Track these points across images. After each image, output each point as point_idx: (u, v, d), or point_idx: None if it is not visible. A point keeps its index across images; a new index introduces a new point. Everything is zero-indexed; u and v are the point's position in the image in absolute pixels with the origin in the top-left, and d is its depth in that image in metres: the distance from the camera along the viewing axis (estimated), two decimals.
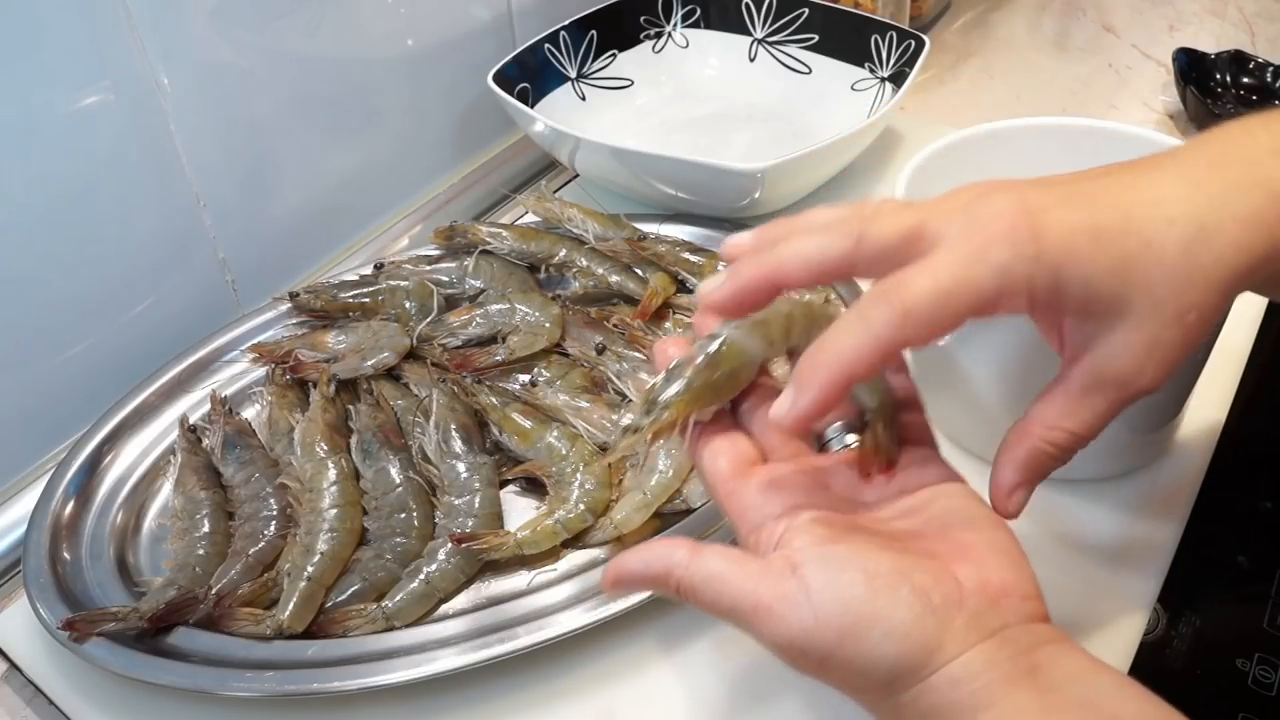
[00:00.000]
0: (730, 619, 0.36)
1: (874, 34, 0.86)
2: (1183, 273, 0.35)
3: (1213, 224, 0.36)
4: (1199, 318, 0.36)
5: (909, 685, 0.33)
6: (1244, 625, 0.51)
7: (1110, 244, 0.35)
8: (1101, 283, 0.35)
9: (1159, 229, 0.35)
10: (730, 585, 0.35)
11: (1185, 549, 0.54)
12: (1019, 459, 0.38)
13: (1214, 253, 0.36)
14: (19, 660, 0.54)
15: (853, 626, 0.33)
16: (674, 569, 0.37)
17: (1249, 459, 0.59)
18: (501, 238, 0.73)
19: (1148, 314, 0.35)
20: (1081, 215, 0.35)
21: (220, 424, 0.62)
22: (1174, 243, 0.35)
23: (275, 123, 0.72)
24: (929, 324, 0.34)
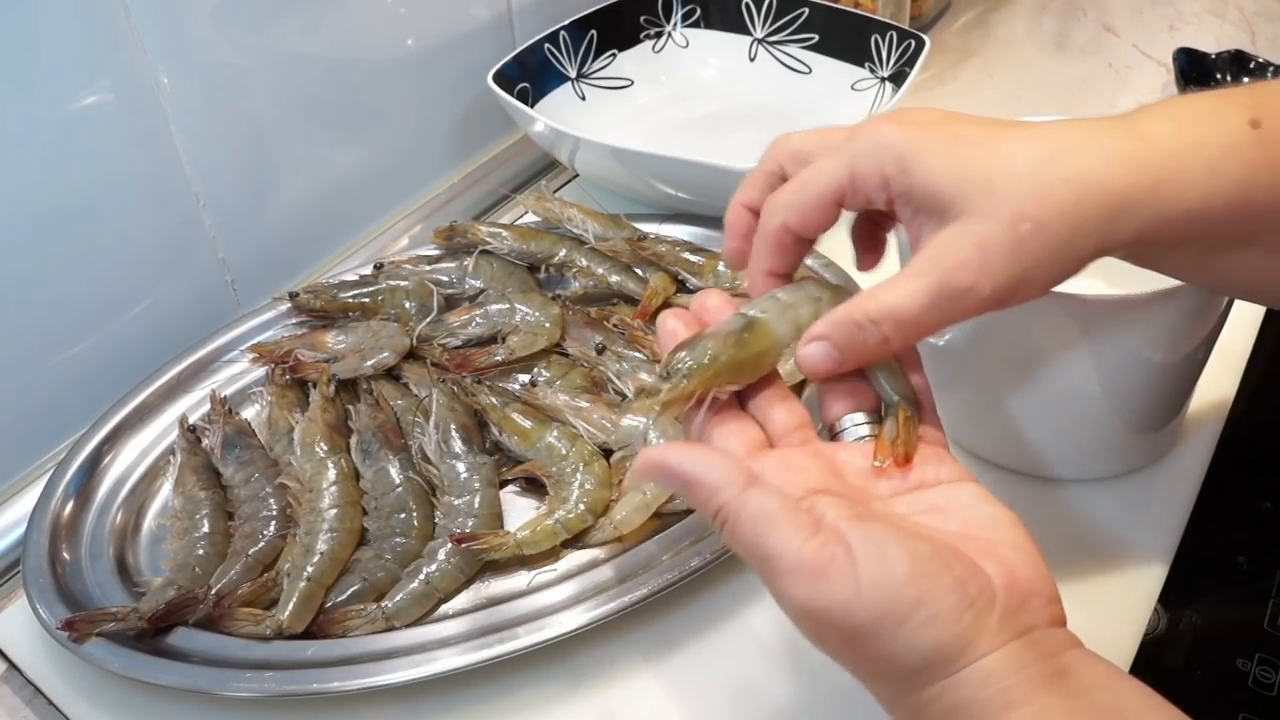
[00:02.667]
0: (760, 567, 0.34)
1: (874, 34, 0.86)
2: (1026, 182, 0.35)
3: (1070, 149, 0.36)
4: (1036, 230, 0.35)
5: (938, 677, 0.32)
6: (1244, 625, 0.51)
7: (963, 146, 0.37)
8: (945, 175, 0.36)
9: (1015, 144, 0.36)
10: (778, 531, 0.33)
11: (1185, 549, 0.54)
12: (833, 315, 0.39)
13: (1064, 173, 0.35)
14: (18, 660, 0.54)
15: (894, 606, 0.32)
16: (725, 488, 0.34)
17: (1249, 459, 0.59)
18: (501, 238, 0.73)
19: (982, 212, 0.36)
20: (948, 127, 0.38)
21: (220, 424, 0.62)
22: (1025, 155, 0.36)
23: (275, 123, 0.72)
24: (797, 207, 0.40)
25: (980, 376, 0.55)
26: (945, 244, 0.36)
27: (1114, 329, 0.49)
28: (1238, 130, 0.36)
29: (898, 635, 0.32)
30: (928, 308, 0.37)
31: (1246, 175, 0.36)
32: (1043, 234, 0.35)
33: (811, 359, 0.39)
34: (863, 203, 0.39)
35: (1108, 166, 0.36)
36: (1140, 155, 0.36)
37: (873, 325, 0.38)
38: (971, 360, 0.55)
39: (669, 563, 0.52)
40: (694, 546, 0.53)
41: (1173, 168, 0.36)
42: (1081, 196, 0.35)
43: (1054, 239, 0.36)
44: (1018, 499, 0.57)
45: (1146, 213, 0.36)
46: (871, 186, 0.38)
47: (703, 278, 0.69)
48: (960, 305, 0.37)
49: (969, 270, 0.36)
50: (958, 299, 0.36)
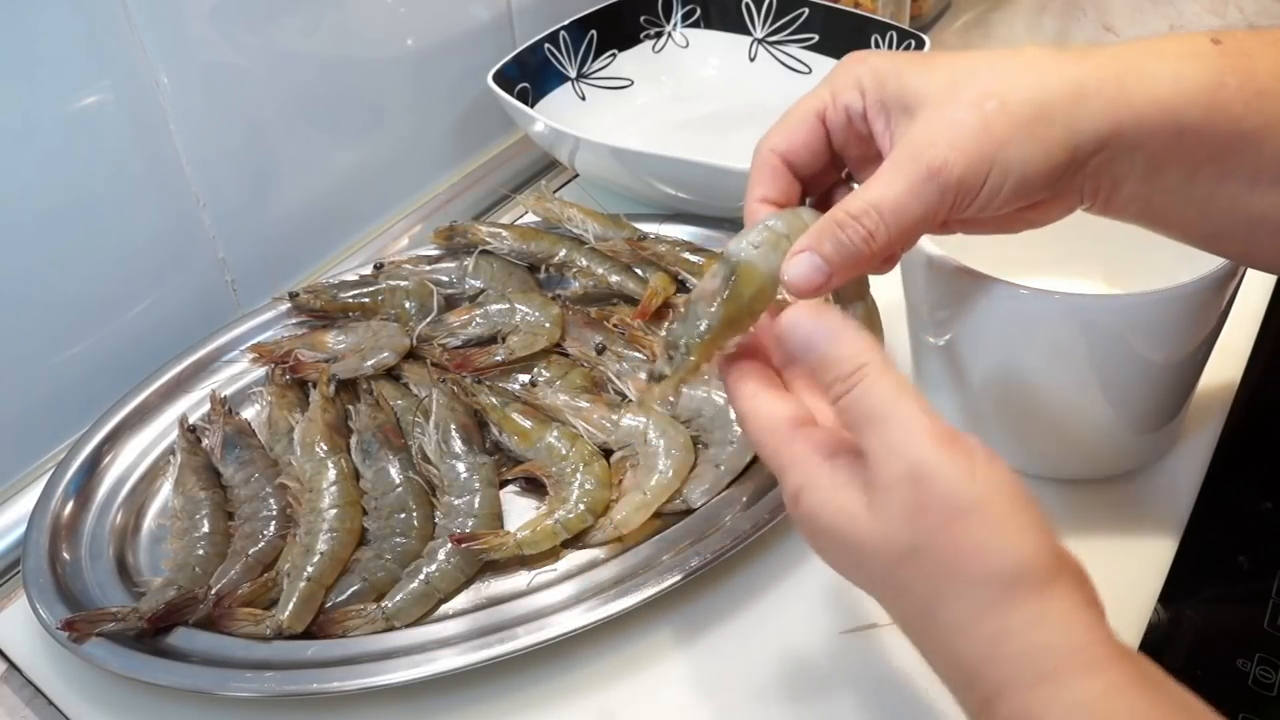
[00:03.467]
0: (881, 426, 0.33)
1: (874, 34, 0.86)
2: (988, 71, 0.37)
3: (1032, 54, 0.38)
4: (1000, 106, 0.36)
5: (1022, 599, 0.31)
6: (1244, 625, 0.51)
7: (933, 59, 0.39)
8: (915, 77, 0.39)
9: (980, 54, 0.39)
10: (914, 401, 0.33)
11: (1185, 549, 0.54)
12: (814, 227, 0.38)
13: (1020, 62, 0.37)
14: (18, 660, 0.54)
15: (1004, 489, 0.32)
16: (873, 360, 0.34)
17: (1249, 459, 0.59)
18: (501, 238, 0.73)
19: (948, 96, 0.37)
20: (916, 55, 0.41)
21: (220, 424, 0.62)
22: (989, 58, 0.38)
23: (275, 122, 0.72)
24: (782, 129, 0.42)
25: (980, 376, 0.55)
26: (914, 132, 0.38)
27: (1114, 329, 0.49)
28: (1198, 43, 0.38)
29: (1004, 527, 0.32)
30: (906, 193, 0.37)
31: (1214, 79, 0.37)
32: (1007, 110, 0.36)
33: (800, 275, 0.38)
34: (843, 118, 0.41)
35: (1067, 58, 0.38)
36: (1100, 55, 0.38)
37: (854, 221, 0.37)
38: (971, 360, 0.55)
39: (669, 563, 0.52)
40: (694, 546, 0.53)
41: (1134, 64, 0.37)
42: (1042, 79, 0.37)
43: (1020, 116, 0.36)
44: None
45: (1115, 104, 0.36)
46: (849, 96, 0.40)
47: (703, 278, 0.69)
48: (936, 187, 0.37)
49: (938, 148, 0.37)
50: (931, 180, 0.37)
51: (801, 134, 0.42)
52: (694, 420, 0.60)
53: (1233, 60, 0.37)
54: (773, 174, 0.42)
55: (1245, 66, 0.37)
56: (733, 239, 0.40)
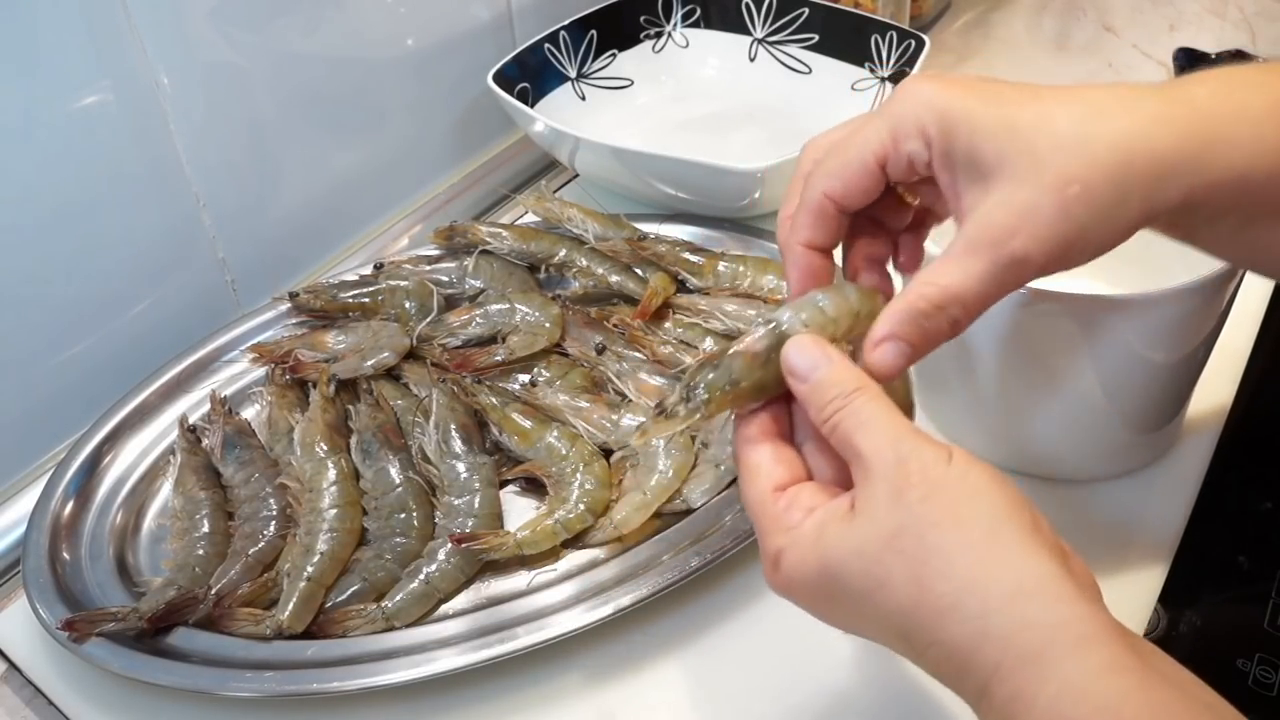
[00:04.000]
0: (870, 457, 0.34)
1: (874, 34, 0.86)
2: (1070, 143, 0.35)
3: (1113, 111, 0.36)
4: (1082, 192, 0.35)
5: (1008, 560, 0.32)
6: (1244, 625, 0.51)
7: (1005, 105, 0.36)
8: (987, 136, 0.36)
9: (1057, 106, 0.36)
10: (902, 425, 0.35)
11: (1185, 549, 0.54)
12: (894, 311, 0.37)
13: (1108, 136, 0.35)
14: (18, 660, 0.54)
15: (985, 480, 0.34)
16: (871, 386, 0.36)
17: (1249, 459, 0.59)
18: (501, 238, 0.73)
19: (1027, 175, 0.35)
20: (988, 85, 0.37)
21: (220, 424, 0.62)
22: (1067, 116, 0.36)
23: (275, 123, 0.72)
24: (838, 173, 0.39)
25: (980, 377, 0.55)
26: (992, 213, 0.36)
27: (1114, 329, 0.49)
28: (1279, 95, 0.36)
29: (978, 498, 0.33)
30: (988, 282, 0.36)
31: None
32: (1089, 197, 0.35)
33: (885, 360, 0.38)
34: (904, 165, 0.39)
35: (1152, 128, 0.35)
36: (1184, 118, 0.35)
37: (940, 311, 0.37)
38: (971, 360, 0.55)
39: (669, 563, 0.52)
40: (694, 546, 0.53)
41: (1217, 131, 0.35)
42: (1127, 160, 0.35)
43: (1100, 202, 0.35)
44: None
45: (1192, 177, 0.35)
46: (913, 145, 0.38)
47: (703, 278, 0.69)
48: (1015, 276, 0.36)
49: (1019, 239, 0.35)
50: (1011, 270, 0.36)
51: (859, 180, 0.39)
52: None
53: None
54: (822, 219, 0.40)
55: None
56: (783, 307, 0.40)
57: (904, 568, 0.33)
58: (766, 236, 0.73)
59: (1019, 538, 0.32)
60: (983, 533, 0.32)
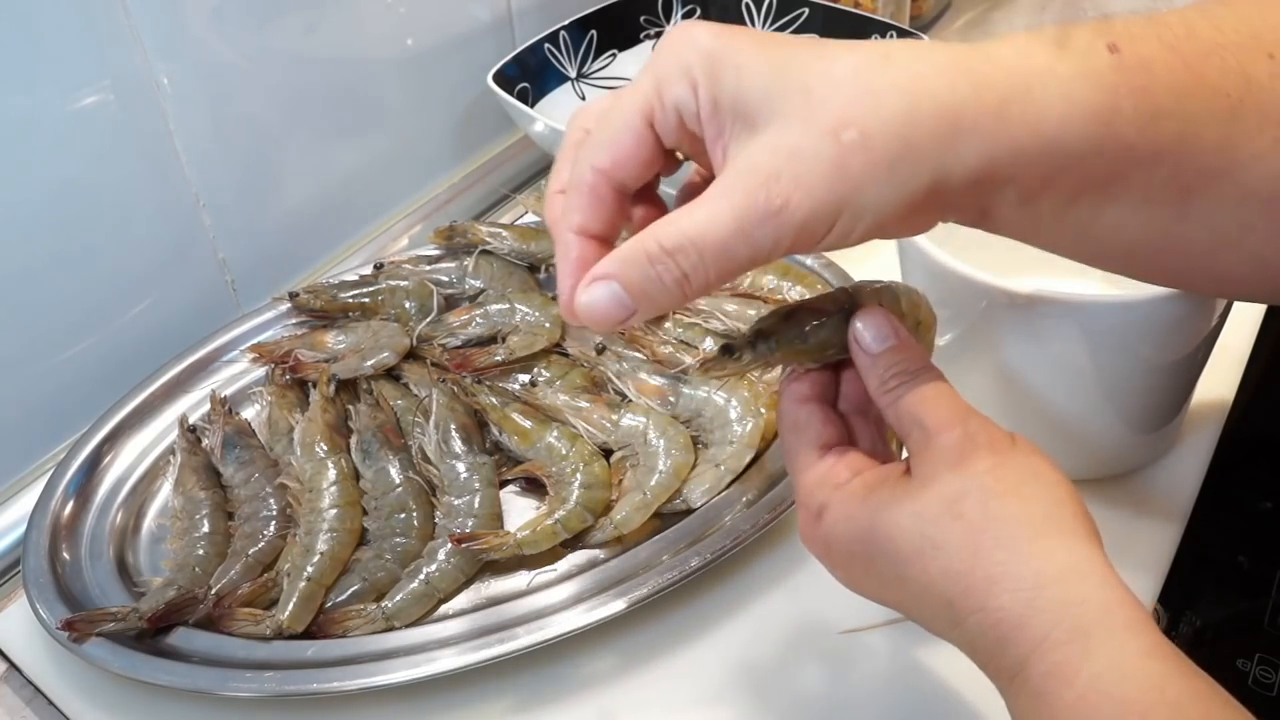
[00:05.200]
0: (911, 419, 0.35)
1: (874, 34, 0.86)
2: (851, 85, 0.31)
3: (903, 57, 0.31)
4: (860, 139, 0.30)
5: (1064, 539, 0.33)
6: (1244, 625, 0.51)
7: (781, 49, 0.32)
8: (757, 77, 0.31)
9: (840, 49, 0.32)
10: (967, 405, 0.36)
11: (1185, 549, 0.54)
12: (618, 250, 0.33)
13: (894, 78, 0.31)
14: (18, 660, 0.54)
15: (1045, 463, 0.35)
16: (937, 369, 0.36)
17: (1249, 459, 0.60)
18: (501, 238, 0.73)
19: (797, 115, 0.31)
20: (767, 35, 0.33)
21: (220, 424, 0.62)
22: (850, 59, 0.31)
23: (275, 122, 0.72)
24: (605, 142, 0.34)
25: (979, 377, 0.55)
26: (754, 155, 0.31)
27: (1114, 329, 0.49)
28: (1093, 52, 0.32)
29: (1040, 475, 0.34)
30: (734, 234, 0.31)
31: (1108, 101, 0.32)
32: (868, 146, 0.30)
33: (594, 305, 0.33)
34: (674, 121, 0.33)
35: (945, 77, 0.31)
36: (984, 71, 0.31)
37: (668, 258, 0.32)
38: (970, 361, 0.55)
39: (669, 563, 0.52)
40: (694, 546, 0.53)
41: (1021, 87, 0.31)
42: (914, 106, 0.30)
43: (882, 154, 0.30)
44: None
45: (992, 138, 0.31)
46: (678, 91, 0.33)
47: None
48: (772, 231, 0.31)
49: (781, 184, 0.30)
50: (767, 221, 0.31)
51: (627, 145, 0.34)
52: (694, 420, 0.60)
53: (1130, 77, 0.32)
54: (594, 199, 0.34)
55: (1143, 84, 0.32)
56: (857, 283, 0.40)
57: (962, 532, 0.33)
58: None
59: (1076, 523, 0.33)
60: (1044, 511, 0.33)
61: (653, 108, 0.33)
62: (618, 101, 0.34)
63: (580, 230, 0.35)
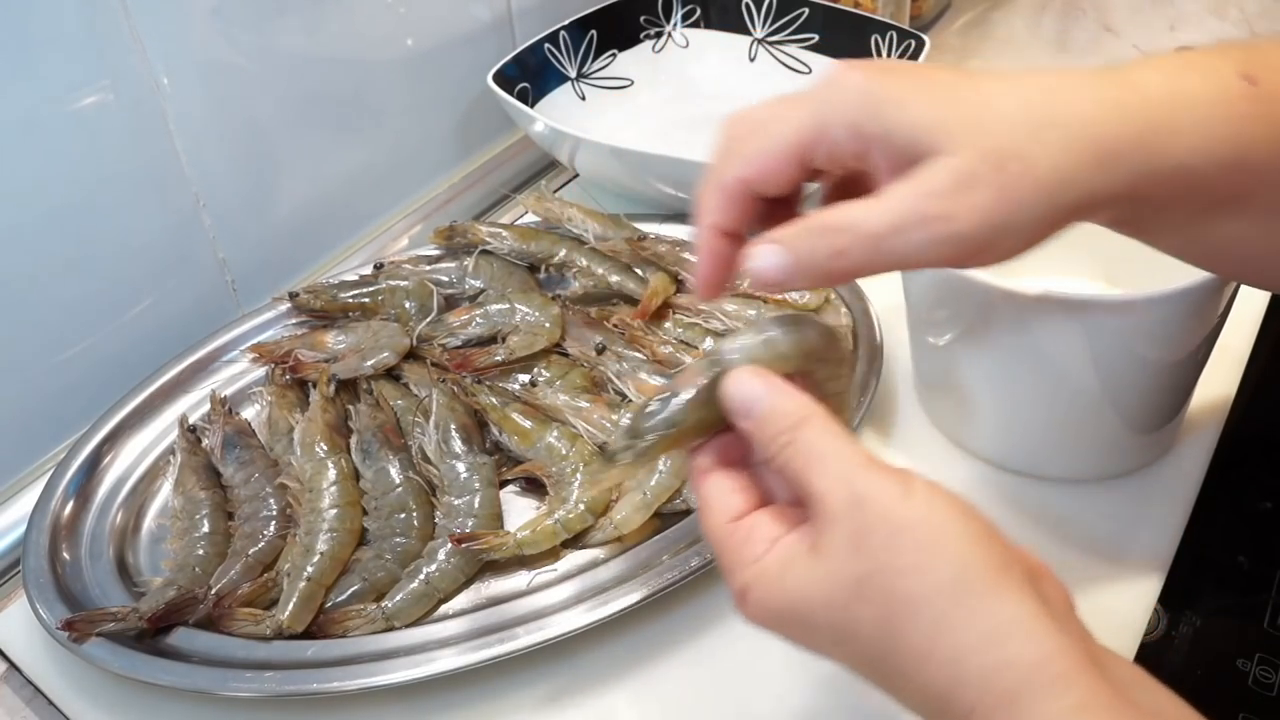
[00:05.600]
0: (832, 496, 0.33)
1: (874, 34, 0.86)
2: (1014, 120, 0.34)
3: (1060, 92, 0.34)
4: (1023, 170, 0.33)
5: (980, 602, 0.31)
6: (1244, 625, 0.51)
7: (942, 89, 0.35)
8: (925, 115, 0.34)
9: (1000, 85, 0.35)
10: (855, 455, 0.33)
11: (1185, 549, 0.54)
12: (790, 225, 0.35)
13: (1053, 114, 0.34)
14: (18, 660, 0.54)
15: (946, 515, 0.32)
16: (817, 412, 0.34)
17: (1249, 459, 0.60)
18: (501, 238, 0.73)
19: (968, 146, 0.33)
20: (922, 71, 0.36)
21: (220, 424, 0.62)
22: (1011, 96, 0.34)
23: (275, 122, 0.72)
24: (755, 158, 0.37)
25: (979, 376, 0.55)
26: (923, 173, 0.34)
27: (1114, 329, 0.49)
28: (1231, 84, 0.35)
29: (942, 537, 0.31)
30: (891, 229, 0.34)
31: (1240, 130, 0.35)
32: (1031, 175, 0.33)
33: (763, 264, 0.36)
34: (827, 155, 0.36)
35: (1099, 111, 0.34)
36: (1131, 103, 0.34)
37: (831, 232, 0.35)
38: (971, 360, 0.55)
39: (669, 563, 0.52)
40: (694, 547, 0.53)
41: (1163, 118, 0.34)
42: (1072, 140, 0.34)
43: (1042, 182, 0.33)
44: (1017, 499, 0.57)
45: (1136, 164, 0.34)
46: (840, 134, 0.36)
47: None
48: (928, 235, 0.34)
49: (943, 199, 0.33)
50: (927, 226, 0.34)
51: (773, 166, 0.37)
52: None
53: (1267, 108, 0.35)
54: (734, 201, 0.38)
55: (1278, 115, 0.35)
56: (726, 339, 0.38)
57: (873, 616, 0.32)
58: None
59: (989, 576, 0.31)
60: (952, 575, 0.31)
61: (808, 140, 0.36)
62: (775, 123, 0.37)
63: (718, 228, 0.38)
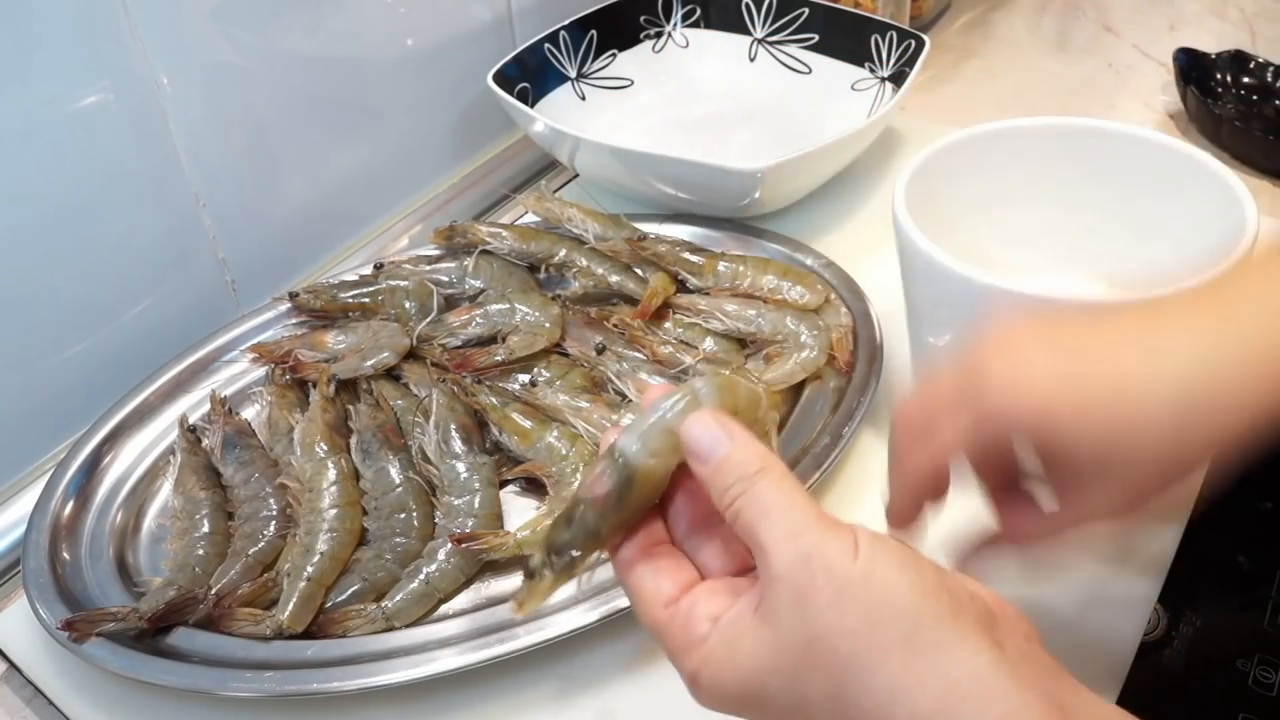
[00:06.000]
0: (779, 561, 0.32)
1: (874, 34, 0.86)
2: (1169, 434, 0.36)
3: (1202, 390, 0.36)
4: (1179, 468, 0.37)
5: (929, 658, 0.30)
6: (1244, 625, 0.51)
7: (1092, 397, 0.36)
8: (1084, 447, 0.36)
9: (1148, 391, 0.36)
10: (804, 509, 0.33)
11: (1185, 549, 0.54)
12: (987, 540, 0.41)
13: (1200, 415, 0.36)
14: (18, 660, 0.54)
15: (895, 567, 0.31)
16: (775, 465, 0.34)
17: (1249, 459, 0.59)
18: (501, 238, 0.73)
19: (1128, 465, 0.36)
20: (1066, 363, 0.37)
21: (220, 424, 0.62)
22: (1161, 407, 0.36)
23: (275, 122, 0.72)
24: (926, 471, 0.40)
25: None
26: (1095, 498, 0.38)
27: None
28: None
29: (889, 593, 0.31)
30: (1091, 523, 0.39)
31: None
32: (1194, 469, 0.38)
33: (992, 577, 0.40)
34: (992, 467, 0.40)
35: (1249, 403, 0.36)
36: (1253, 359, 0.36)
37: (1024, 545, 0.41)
38: None
39: None
40: None
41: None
42: (1224, 436, 0.37)
43: (1194, 466, 0.37)
44: None
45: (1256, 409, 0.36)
46: (1005, 458, 0.39)
47: (703, 278, 0.69)
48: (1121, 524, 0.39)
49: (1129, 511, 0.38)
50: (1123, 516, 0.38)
51: (945, 478, 0.40)
52: None
53: None
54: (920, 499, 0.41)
55: None
56: (623, 434, 0.36)
57: (823, 682, 0.31)
58: (766, 237, 0.73)
59: (939, 632, 0.30)
60: (900, 635, 0.30)
61: (972, 455, 0.39)
62: (939, 437, 0.39)
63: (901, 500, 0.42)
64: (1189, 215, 0.55)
